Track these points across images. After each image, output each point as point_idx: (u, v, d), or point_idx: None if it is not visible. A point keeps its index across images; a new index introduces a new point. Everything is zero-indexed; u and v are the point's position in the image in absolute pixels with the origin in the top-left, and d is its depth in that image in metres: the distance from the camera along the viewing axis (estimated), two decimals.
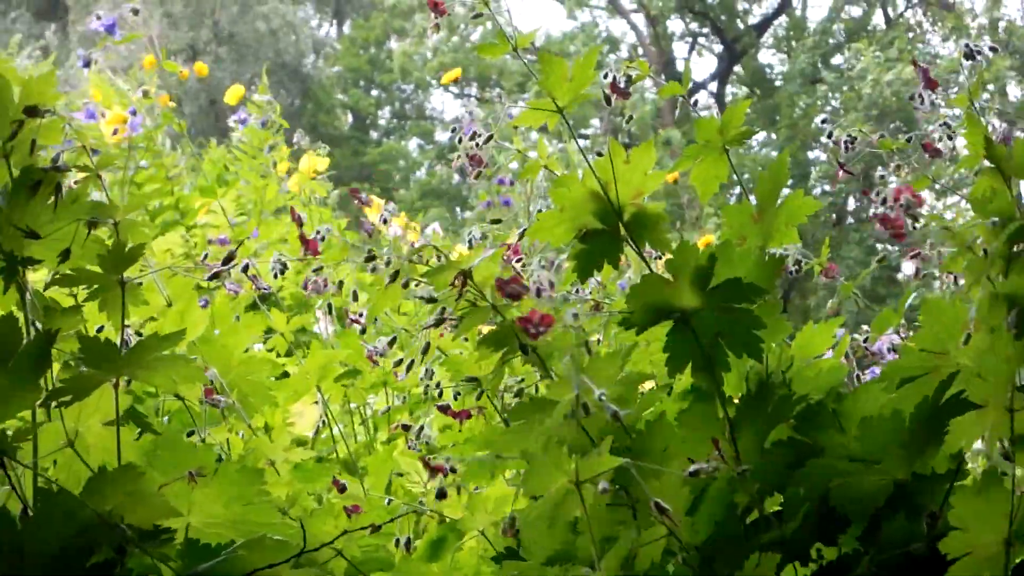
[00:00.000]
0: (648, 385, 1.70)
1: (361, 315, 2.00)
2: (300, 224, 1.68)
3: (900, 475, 1.32)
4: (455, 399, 1.86)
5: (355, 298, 1.85)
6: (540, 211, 1.54)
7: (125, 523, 1.31)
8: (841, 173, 1.76)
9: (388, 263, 1.52)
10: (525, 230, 1.70)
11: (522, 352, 1.48)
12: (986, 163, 1.46)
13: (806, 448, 1.41)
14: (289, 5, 24.06)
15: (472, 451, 1.89)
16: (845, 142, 1.72)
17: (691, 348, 1.38)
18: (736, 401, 1.42)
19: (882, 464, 1.32)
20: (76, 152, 1.47)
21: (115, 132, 4.35)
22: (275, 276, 1.57)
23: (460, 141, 1.68)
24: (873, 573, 1.30)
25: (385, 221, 1.58)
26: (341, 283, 1.66)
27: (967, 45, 1.72)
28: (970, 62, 1.70)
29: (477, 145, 1.67)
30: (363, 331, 2.02)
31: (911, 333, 1.91)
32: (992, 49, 1.75)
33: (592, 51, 1.51)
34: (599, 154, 1.50)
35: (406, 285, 1.54)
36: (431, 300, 1.54)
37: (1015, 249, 1.41)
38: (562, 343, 1.47)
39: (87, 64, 2.18)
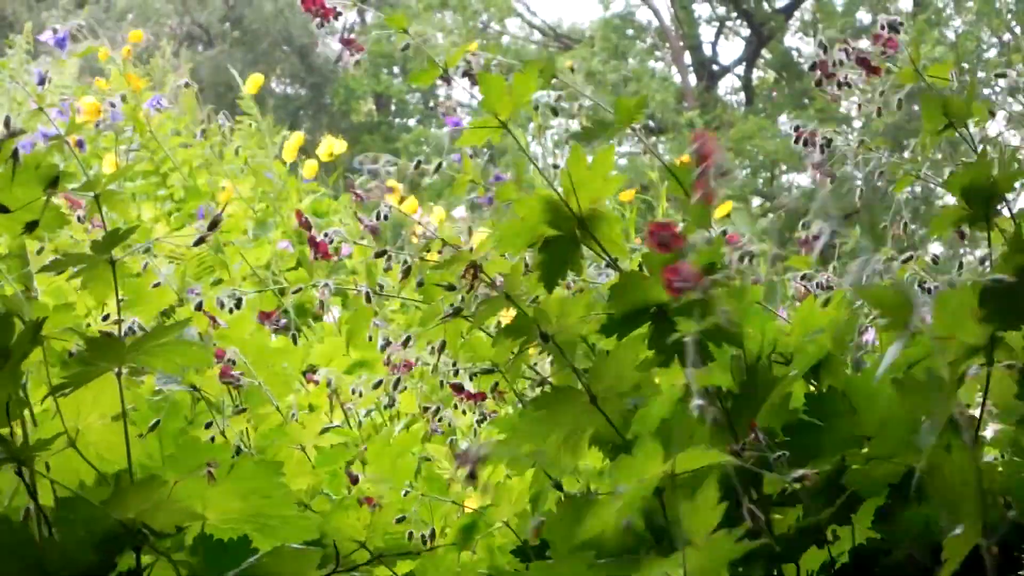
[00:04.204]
0: None
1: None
2: (308, 227, 1.65)
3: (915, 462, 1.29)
4: (471, 379, 1.82)
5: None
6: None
7: (147, 529, 1.31)
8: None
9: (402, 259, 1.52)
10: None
11: (542, 341, 1.45)
12: None
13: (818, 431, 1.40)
14: None
15: (494, 434, 1.83)
16: None
17: (674, 342, 1.34)
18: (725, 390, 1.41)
19: (897, 458, 1.32)
20: (31, 116, 1.44)
21: (98, 125, 4.35)
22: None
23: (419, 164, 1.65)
24: (909, 559, 1.27)
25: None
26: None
27: None
28: None
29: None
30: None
31: None
32: None
33: (532, 64, 1.50)
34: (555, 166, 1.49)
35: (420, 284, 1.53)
36: (450, 288, 1.52)
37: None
38: (578, 332, 1.45)
39: (42, 81, 2.17)
